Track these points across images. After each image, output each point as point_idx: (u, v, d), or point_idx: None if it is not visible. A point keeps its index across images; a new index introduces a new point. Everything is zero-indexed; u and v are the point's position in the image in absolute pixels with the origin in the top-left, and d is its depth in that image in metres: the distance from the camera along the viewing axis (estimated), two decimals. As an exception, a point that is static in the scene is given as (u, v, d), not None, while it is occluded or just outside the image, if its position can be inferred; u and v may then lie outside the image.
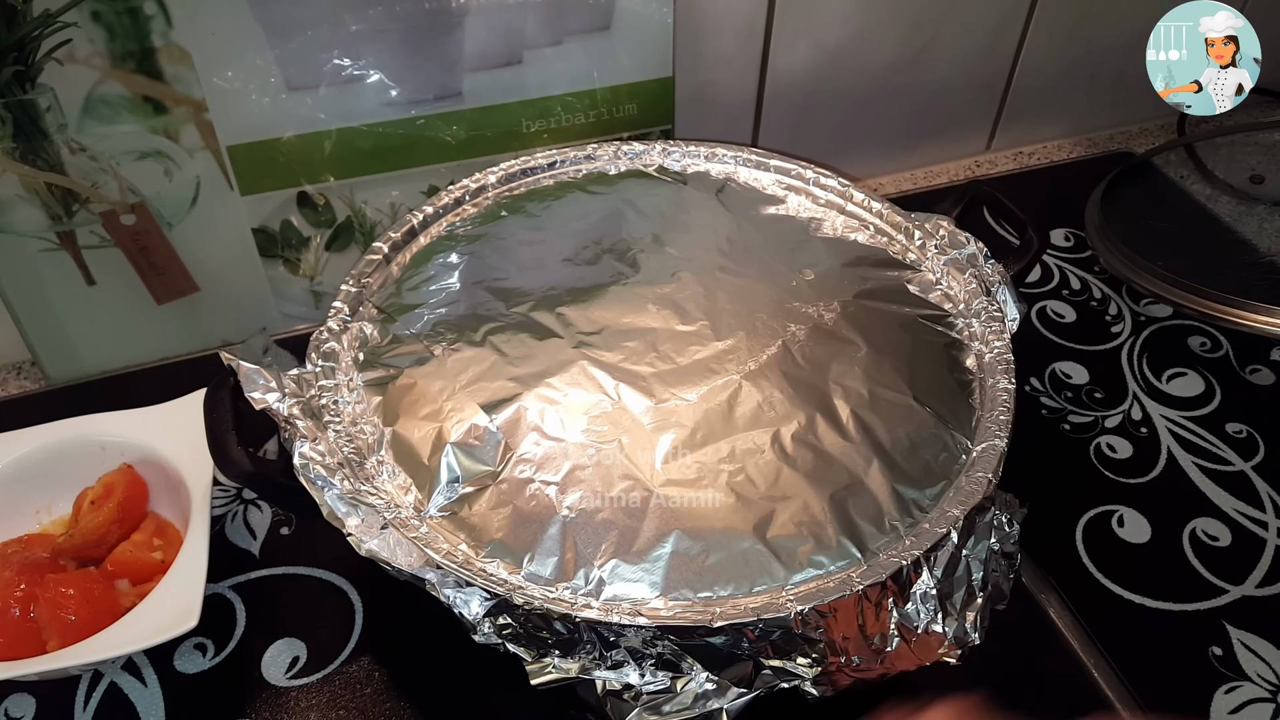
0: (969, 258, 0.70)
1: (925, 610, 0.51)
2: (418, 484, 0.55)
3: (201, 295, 0.83)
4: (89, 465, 0.67)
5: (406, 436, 0.57)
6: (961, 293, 0.68)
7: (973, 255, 0.70)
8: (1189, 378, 0.84)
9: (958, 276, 0.69)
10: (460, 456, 0.56)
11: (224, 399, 0.57)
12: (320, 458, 0.54)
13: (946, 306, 0.68)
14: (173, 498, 0.67)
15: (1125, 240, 0.91)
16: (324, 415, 0.57)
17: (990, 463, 0.56)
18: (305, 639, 0.65)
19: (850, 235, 0.73)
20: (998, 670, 0.60)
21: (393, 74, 0.78)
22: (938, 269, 0.70)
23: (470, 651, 0.52)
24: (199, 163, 0.76)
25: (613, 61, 0.84)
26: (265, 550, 0.70)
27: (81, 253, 0.77)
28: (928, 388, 0.61)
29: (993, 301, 0.66)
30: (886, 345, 0.63)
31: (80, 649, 0.56)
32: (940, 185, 1.06)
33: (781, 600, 0.49)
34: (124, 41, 0.69)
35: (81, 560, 0.64)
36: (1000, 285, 0.67)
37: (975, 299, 0.67)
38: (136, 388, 0.82)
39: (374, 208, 0.84)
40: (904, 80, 0.98)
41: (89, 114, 0.71)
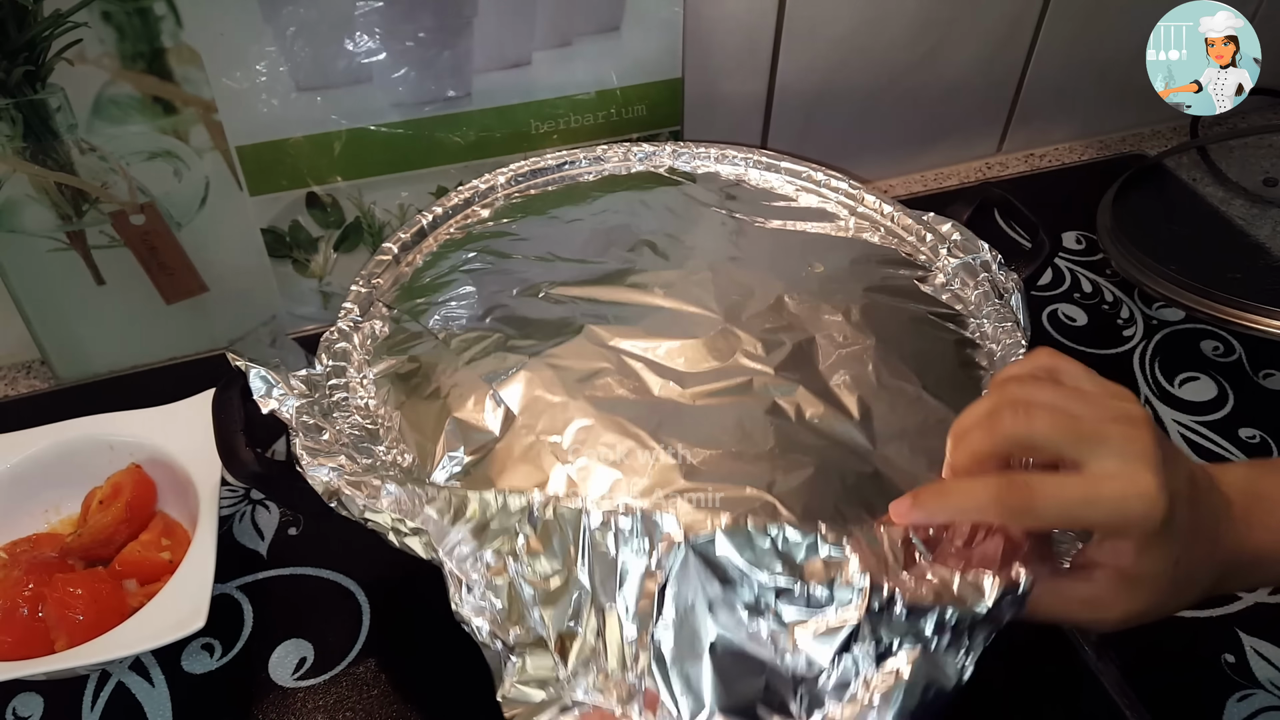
0: (982, 264, 0.69)
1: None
2: (421, 457, 0.55)
3: (210, 295, 0.83)
4: (98, 465, 0.67)
5: (413, 417, 0.57)
6: (973, 295, 0.68)
7: (985, 261, 0.69)
8: (1201, 382, 0.83)
9: (969, 280, 0.68)
10: (464, 428, 0.55)
11: (233, 399, 0.57)
12: (324, 447, 0.54)
13: (958, 307, 0.67)
14: (181, 498, 0.67)
15: (1137, 243, 0.90)
16: (334, 413, 0.57)
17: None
18: (312, 640, 0.65)
19: (861, 235, 0.73)
20: (1001, 675, 0.59)
21: (402, 75, 0.77)
22: (949, 272, 0.70)
23: (478, 654, 0.52)
24: (208, 163, 0.76)
25: (622, 62, 0.84)
26: (273, 551, 0.70)
27: (91, 253, 0.77)
28: (938, 381, 0.60)
29: (1005, 305, 0.66)
30: (896, 338, 0.63)
31: (88, 649, 0.55)
32: (951, 187, 1.05)
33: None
34: (134, 42, 0.69)
35: (90, 560, 0.64)
36: (1014, 293, 0.67)
37: (987, 302, 0.66)
38: (145, 387, 0.82)
39: (383, 208, 0.84)
40: (914, 81, 0.98)
41: (99, 114, 0.71)
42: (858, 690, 0.43)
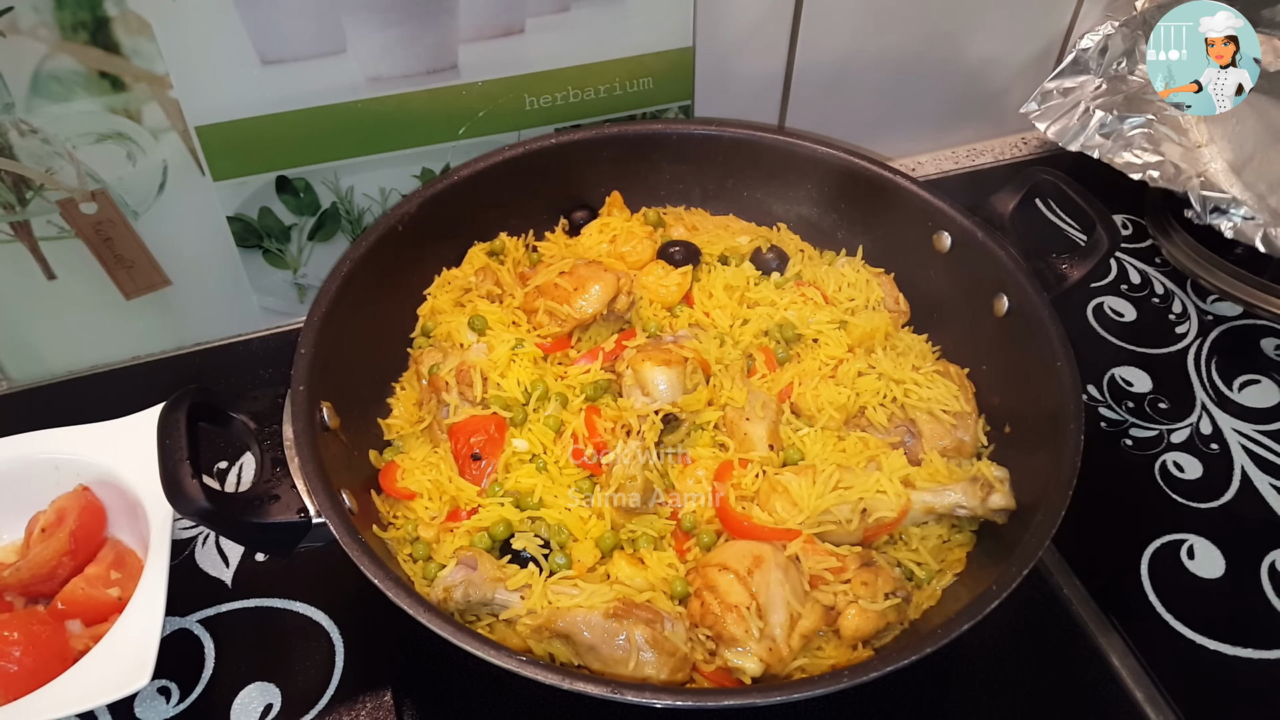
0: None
1: None
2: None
3: (174, 290, 0.75)
4: (42, 487, 0.61)
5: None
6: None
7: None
8: (1263, 385, 0.76)
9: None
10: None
11: (179, 422, 0.51)
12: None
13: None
14: (134, 521, 0.60)
15: (1190, 229, 0.82)
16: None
17: None
18: (279, 683, 0.58)
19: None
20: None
21: (379, 46, 0.69)
22: None
23: (464, 698, 0.46)
24: (165, 145, 0.68)
25: (626, 30, 0.75)
26: (239, 579, 0.63)
27: (39, 245, 0.70)
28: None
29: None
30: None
31: (15, 710, 0.49)
32: (985, 165, 0.97)
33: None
34: (73, 10, 0.61)
35: (30, 596, 0.58)
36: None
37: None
38: (107, 390, 0.76)
39: (362, 193, 0.76)
40: (946, 51, 0.89)
41: (38, 92, 0.64)
42: None
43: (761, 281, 0.71)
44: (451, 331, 0.66)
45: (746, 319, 0.68)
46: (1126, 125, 0.79)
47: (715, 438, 0.62)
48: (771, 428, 0.61)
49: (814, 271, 0.72)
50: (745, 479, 0.59)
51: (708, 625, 0.52)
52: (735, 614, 0.51)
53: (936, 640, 0.48)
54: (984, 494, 0.58)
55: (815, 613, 0.53)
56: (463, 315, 0.67)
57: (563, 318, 0.65)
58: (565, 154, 0.73)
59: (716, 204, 0.78)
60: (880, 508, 0.57)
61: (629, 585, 0.54)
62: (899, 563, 0.59)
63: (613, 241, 0.72)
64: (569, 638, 0.52)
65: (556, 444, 0.60)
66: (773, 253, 0.72)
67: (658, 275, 0.70)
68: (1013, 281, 0.64)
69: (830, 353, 0.66)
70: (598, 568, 0.57)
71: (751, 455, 0.60)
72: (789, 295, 0.69)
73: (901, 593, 0.55)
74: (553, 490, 0.58)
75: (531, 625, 0.52)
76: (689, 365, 0.62)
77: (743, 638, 0.51)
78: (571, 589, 0.53)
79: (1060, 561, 0.65)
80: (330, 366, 0.59)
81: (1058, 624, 0.62)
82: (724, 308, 0.69)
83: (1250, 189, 0.78)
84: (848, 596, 0.54)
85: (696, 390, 0.62)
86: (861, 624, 0.53)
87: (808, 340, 0.68)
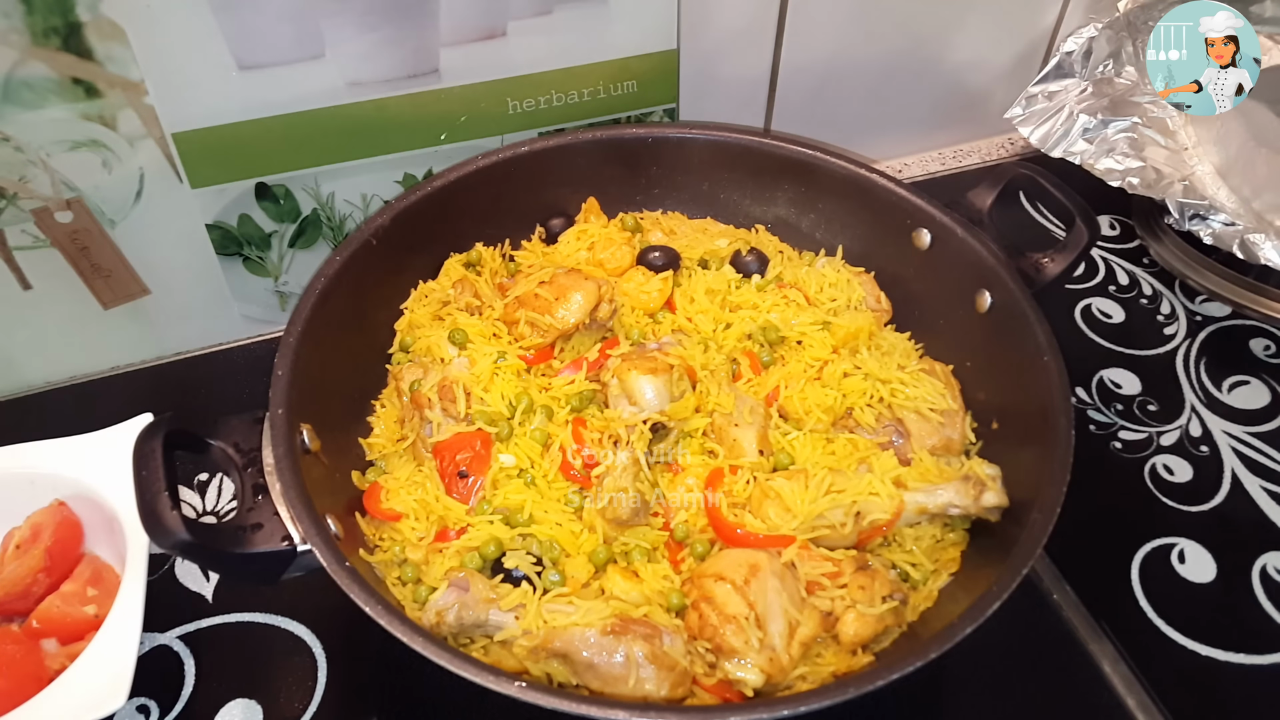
0: None
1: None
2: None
3: (153, 299, 0.74)
4: (16, 502, 0.60)
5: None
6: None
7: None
8: (1253, 387, 0.75)
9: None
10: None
11: (155, 452, 0.49)
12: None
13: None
14: (110, 536, 0.59)
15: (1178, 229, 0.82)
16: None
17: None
18: (261, 700, 0.57)
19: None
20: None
21: (359, 50, 0.68)
22: None
23: (449, 713, 0.45)
24: (142, 153, 0.67)
25: (609, 33, 0.75)
26: (219, 594, 0.62)
27: (13, 254, 0.69)
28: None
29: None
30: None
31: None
32: (971, 166, 0.96)
33: None
34: (44, 15, 0.60)
35: (4, 615, 0.57)
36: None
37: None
38: (86, 401, 0.75)
39: (344, 199, 0.75)
40: (932, 52, 0.89)
41: (10, 99, 0.62)
42: None
43: (743, 284, 0.70)
44: (431, 346, 0.65)
45: (729, 323, 0.67)
46: (1111, 129, 0.79)
47: (704, 445, 0.61)
48: (760, 432, 0.61)
49: (795, 273, 0.71)
50: (736, 486, 0.58)
51: (707, 638, 0.51)
52: (734, 625, 0.51)
53: (942, 644, 0.47)
54: (976, 493, 0.57)
55: (814, 619, 0.53)
56: (442, 329, 0.66)
57: (545, 328, 0.64)
58: (538, 162, 0.72)
59: (693, 207, 0.78)
60: (874, 510, 0.57)
61: (625, 600, 0.54)
62: (894, 565, 0.58)
63: (591, 248, 0.71)
64: (566, 657, 0.51)
65: (544, 458, 0.59)
66: (753, 255, 0.72)
67: (638, 281, 0.69)
68: (994, 277, 0.64)
69: (815, 354, 0.66)
70: (592, 583, 0.56)
71: (741, 461, 0.59)
72: (771, 298, 0.69)
73: (898, 595, 0.55)
74: (542, 505, 0.57)
75: (528, 646, 0.51)
76: (675, 372, 0.61)
77: (743, 649, 0.50)
78: (567, 607, 0.52)
79: (1050, 567, 0.64)
80: (309, 387, 0.57)
81: (1048, 630, 0.62)
82: (706, 312, 0.68)
83: (1235, 192, 0.78)
84: (845, 601, 0.53)
85: (684, 397, 0.61)
86: (860, 628, 0.53)
87: (791, 342, 0.67)
